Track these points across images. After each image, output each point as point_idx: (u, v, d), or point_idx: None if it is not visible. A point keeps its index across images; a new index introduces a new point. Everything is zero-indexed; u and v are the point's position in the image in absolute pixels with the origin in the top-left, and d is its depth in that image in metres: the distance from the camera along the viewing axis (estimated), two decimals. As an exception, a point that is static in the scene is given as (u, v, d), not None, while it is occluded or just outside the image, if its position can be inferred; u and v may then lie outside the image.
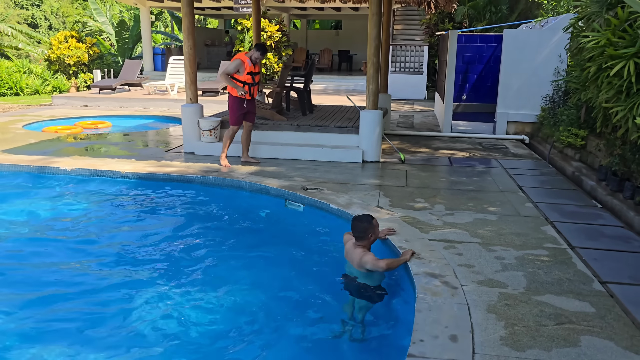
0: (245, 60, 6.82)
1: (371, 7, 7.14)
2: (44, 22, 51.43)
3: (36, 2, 52.69)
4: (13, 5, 52.22)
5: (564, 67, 9.19)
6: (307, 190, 5.84)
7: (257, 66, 6.95)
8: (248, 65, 6.82)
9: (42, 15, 51.90)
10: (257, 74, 6.98)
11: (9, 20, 45.62)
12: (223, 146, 7.11)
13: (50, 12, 52.86)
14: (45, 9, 52.52)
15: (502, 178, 6.63)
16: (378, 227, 4.07)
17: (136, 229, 5.33)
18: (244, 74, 6.84)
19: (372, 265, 3.80)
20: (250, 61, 6.84)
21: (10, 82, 17.58)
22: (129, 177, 6.59)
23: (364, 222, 3.97)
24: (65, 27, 49.02)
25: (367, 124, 7.39)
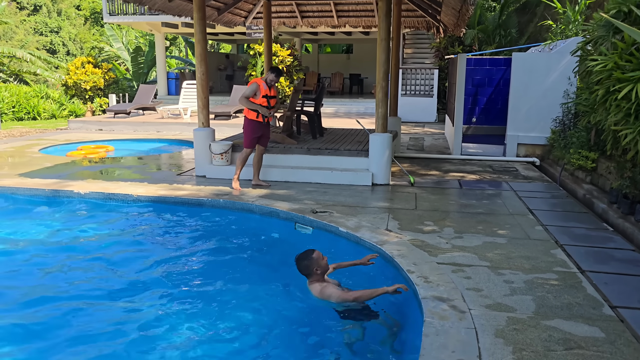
0: (260, 83, 6.94)
1: (380, 33, 7.26)
2: (62, 48, 52.73)
3: (55, 29, 54.11)
4: (32, 32, 53.69)
5: (573, 90, 9.21)
6: (316, 213, 5.87)
7: (272, 89, 7.04)
8: (263, 88, 6.92)
9: (61, 41, 53.24)
10: (272, 97, 7.07)
11: (28, 46, 46.88)
12: (236, 169, 7.20)
13: (68, 38, 54.22)
14: (63, 35, 53.89)
15: (512, 201, 6.61)
16: (322, 258, 4.00)
17: (147, 251, 5.39)
18: (260, 97, 6.94)
19: (338, 299, 3.80)
20: (266, 84, 6.95)
21: (28, 107, 18.01)
22: (141, 200, 6.68)
23: (303, 260, 3.98)
24: (83, 52, 50.21)
25: (377, 147, 7.45)
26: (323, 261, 4.00)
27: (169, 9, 8.89)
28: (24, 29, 52.86)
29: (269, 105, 7.01)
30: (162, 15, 19.07)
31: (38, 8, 55.68)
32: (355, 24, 11.27)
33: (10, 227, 6.01)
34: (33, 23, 54.03)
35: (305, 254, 4.02)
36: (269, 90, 6.99)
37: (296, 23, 11.36)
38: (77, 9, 56.74)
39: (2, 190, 7.06)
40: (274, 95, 7.11)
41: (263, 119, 7.00)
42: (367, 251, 4.94)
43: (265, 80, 6.99)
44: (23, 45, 33.13)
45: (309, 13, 11.13)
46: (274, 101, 7.12)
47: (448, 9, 8.55)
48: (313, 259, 3.97)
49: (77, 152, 10.31)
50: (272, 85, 7.05)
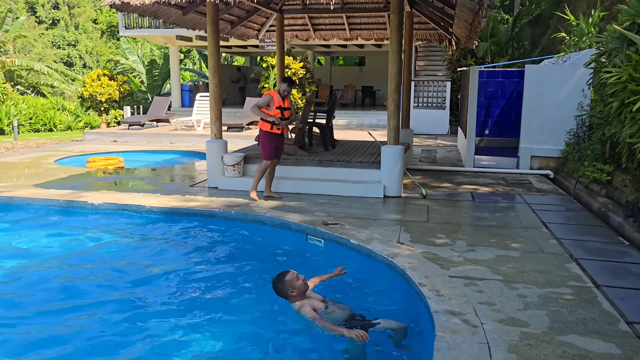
0: (274, 95, 6.96)
1: (392, 46, 7.28)
2: (79, 61, 53.67)
3: (72, 42, 55.13)
4: (50, 45, 54.76)
5: (587, 102, 9.14)
6: (327, 225, 5.86)
7: (286, 100, 7.05)
8: (277, 99, 6.93)
9: (77, 54, 54.21)
10: (286, 109, 7.06)
11: (46, 59, 47.81)
12: (254, 180, 7.22)
13: (85, 51, 55.20)
14: (80, 49, 54.87)
15: (525, 214, 6.55)
16: (296, 279, 3.98)
17: (158, 262, 5.41)
18: (274, 109, 6.95)
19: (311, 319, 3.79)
20: (279, 95, 6.96)
21: (44, 119, 18.29)
22: (153, 211, 6.73)
23: (277, 283, 4.00)
24: (99, 65, 51.04)
25: (389, 159, 7.44)
26: (298, 282, 3.98)
27: (184, 22, 9.01)
28: (42, 42, 53.93)
29: (282, 116, 7.01)
30: (176, 29, 19.37)
31: (56, 22, 56.84)
32: (368, 37, 11.32)
33: (26, 237, 6.08)
34: (51, 36, 55.13)
35: (279, 277, 4.03)
36: (283, 101, 7.01)
37: (309, 36, 11.44)
38: (94, 23, 57.84)
39: (18, 201, 7.16)
40: (287, 107, 7.10)
41: (278, 128, 6.97)
42: (379, 263, 4.92)
43: (278, 91, 7.01)
44: (41, 58, 33.72)
45: (321, 26, 11.20)
46: (287, 113, 7.11)
47: (460, 21, 8.56)
48: (286, 281, 3.97)
49: (94, 162, 10.43)
50: (286, 97, 7.05)
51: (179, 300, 4.49)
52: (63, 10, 57.62)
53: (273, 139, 7.09)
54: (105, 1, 6.93)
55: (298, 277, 4.00)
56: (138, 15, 7.91)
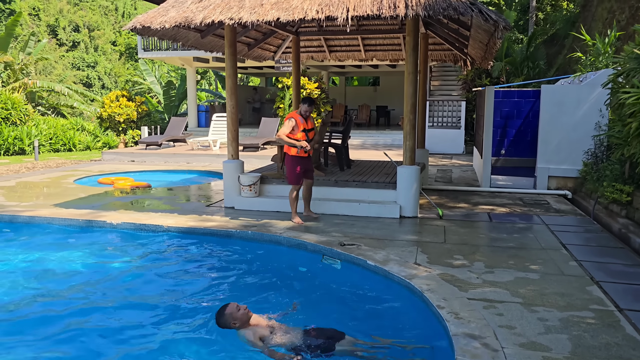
0: (297, 117, 6.88)
1: (407, 67, 7.33)
2: (98, 82, 54.78)
3: (91, 64, 56.37)
4: (70, 67, 56.03)
5: (605, 122, 9.07)
6: (344, 246, 5.86)
7: (309, 121, 6.99)
8: (300, 122, 6.87)
9: (96, 75, 55.37)
10: (310, 130, 7.00)
11: (66, 80, 48.90)
12: (290, 206, 7.18)
13: (104, 72, 56.38)
14: (99, 70, 56.07)
15: (544, 235, 6.47)
16: (237, 310, 3.94)
17: (175, 281, 5.43)
18: (298, 132, 6.86)
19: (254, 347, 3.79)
20: (302, 117, 6.92)
21: (64, 139, 18.63)
22: (171, 230, 6.78)
23: (218, 318, 3.98)
24: (117, 86, 52.07)
25: (405, 179, 7.43)
26: (239, 313, 3.94)
27: (202, 45, 9.18)
28: (62, 64, 55.22)
29: (307, 138, 6.92)
30: (193, 51, 19.71)
31: (76, 44, 58.25)
32: (382, 58, 11.41)
33: (46, 256, 6.15)
34: (71, 58, 56.43)
35: (219, 312, 4.01)
36: (306, 123, 6.96)
37: (324, 57, 11.57)
38: (113, 45, 59.16)
39: (39, 220, 7.27)
40: (311, 128, 7.03)
41: (304, 148, 6.87)
42: (396, 285, 4.89)
43: (300, 113, 6.98)
44: (62, 80, 34.48)
45: (336, 47, 11.33)
46: (312, 134, 7.03)
47: (475, 42, 8.61)
48: (226, 314, 3.95)
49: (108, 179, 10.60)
50: (308, 117, 7.01)
51: (194, 319, 4.49)
52: (83, 32, 59.09)
53: (300, 162, 7.00)
54: (127, 25, 7.11)
55: (239, 307, 3.97)
56: (158, 39, 8.08)
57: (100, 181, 10.60)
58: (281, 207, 7.82)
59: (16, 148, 17.25)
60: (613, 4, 15.49)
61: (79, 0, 61.82)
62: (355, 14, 6.34)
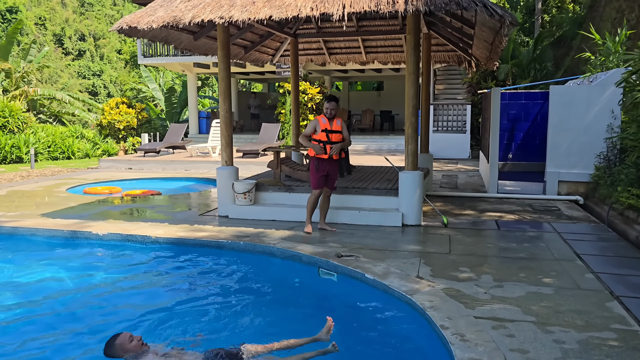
0: (320, 118, 6.53)
1: (408, 67, 6.96)
2: (103, 90, 54.90)
3: (97, 72, 56.55)
4: (76, 75, 56.22)
5: (618, 124, 8.65)
6: (341, 258, 5.46)
7: (334, 122, 6.50)
8: (322, 122, 6.48)
9: (102, 83, 55.52)
10: (334, 131, 6.50)
11: (72, 88, 48.96)
12: (306, 213, 6.75)
13: (110, 80, 56.53)
14: (105, 78, 56.24)
15: (556, 244, 6.05)
16: (128, 341, 3.54)
17: (162, 295, 5.06)
18: (320, 132, 6.49)
19: None
20: (326, 118, 6.51)
21: (63, 147, 18.36)
22: (159, 242, 6.41)
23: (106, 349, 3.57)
24: (123, 94, 52.18)
25: (407, 185, 7.04)
26: (131, 344, 3.53)
27: (196, 47, 8.86)
28: (68, 73, 55.42)
29: (328, 139, 6.49)
30: (194, 56, 19.45)
31: (82, 53, 58.49)
32: (384, 60, 11.05)
33: (27, 269, 5.80)
34: (77, 67, 56.65)
35: (108, 342, 3.59)
36: (329, 123, 6.50)
37: (324, 60, 11.22)
38: (119, 53, 59.33)
39: (22, 232, 6.93)
40: (337, 130, 6.51)
41: (321, 153, 6.44)
42: (396, 300, 4.49)
43: (324, 113, 6.55)
44: (63, 88, 34.35)
45: (336, 50, 10.98)
46: (336, 136, 6.50)
47: (480, 42, 8.23)
48: (115, 345, 3.54)
49: (94, 189, 10.26)
50: (333, 117, 6.50)
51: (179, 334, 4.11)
52: (89, 41, 59.33)
53: (320, 164, 6.54)
54: (114, 26, 6.79)
55: (132, 338, 3.56)
56: (148, 41, 7.77)
57: (87, 191, 10.22)
58: (277, 215, 7.44)
59: (13, 156, 16.99)
60: (622, 3, 15.07)
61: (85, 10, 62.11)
62: (352, 11, 5.98)
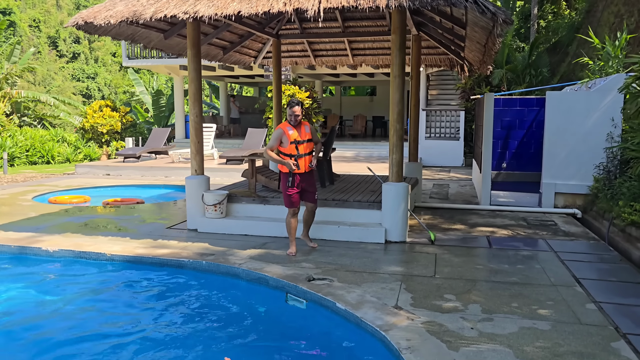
0: (284, 127, 5.67)
1: (393, 69, 6.38)
2: (98, 93, 54.24)
3: (91, 75, 55.92)
4: (70, 78, 55.56)
5: (618, 132, 8.10)
6: (313, 281, 4.86)
7: (301, 129, 5.69)
8: (289, 133, 5.64)
9: (96, 86, 54.87)
10: (302, 142, 5.68)
11: (65, 91, 48.23)
12: (288, 233, 6.01)
13: (104, 83, 55.87)
14: (99, 81, 55.60)
15: (553, 265, 5.47)
16: None
17: (109, 324, 4.44)
18: (288, 145, 5.65)
19: None
20: (291, 126, 5.70)
21: (42, 151, 17.70)
22: (114, 259, 5.79)
23: None
24: (117, 97, 51.55)
25: (391, 198, 6.44)
26: None
27: (168, 47, 8.27)
28: (62, 75, 54.70)
29: (297, 152, 5.68)
30: (180, 58, 18.83)
31: (77, 55, 57.85)
32: (373, 63, 10.48)
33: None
34: (71, 70, 56.02)
35: None
36: (297, 132, 5.69)
37: (309, 62, 10.64)
38: (113, 56, 58.62)
39: (-33, 246, 6.29)
40: (305, 139, 5.72)
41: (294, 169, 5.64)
42: (370, 337, 3.88)
43: (287, 120, 5.74)
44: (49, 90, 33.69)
45: (322, 52, 10.41)
46: (306, 146, 5.71)
47: (472, 43, 7.66)
48: None
49: (60, 198, 9.62)
50: (298, 124, 5.71)
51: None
52: (84, 44, 58.65)
53: (291, 181, 5.73)
54: (69, 22, 6.19)
55: None
56: (112, 39, 7.17)
57: (52, 200, 9.57)
58: (250, 229, 6.83)
59: (-12, 161, 16.32)
60: (620, 7, 14.59)
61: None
62: (328, 6, 5.40)
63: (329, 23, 9.37)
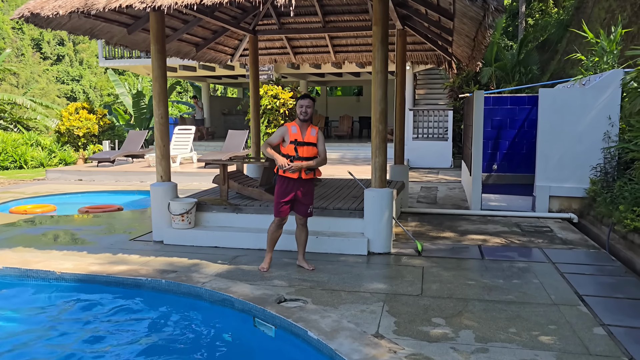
0: (289, 125, 5.07)
1: (375, 64, 5.83)
2: (82, 96, 53.26)
3: (76, 77, 54.93)
4: (54, 81, 54.53)
5: (615, 132, 7.63)
6: (283, 303, 4.29)
7: (307, 132, 5.04)
8: (292, 131, 5.03)
9: (81, 89, 53.90)
10: (305, 143, 5.03)
11: (49, 94, 47.13)
12: (267, 244, 5.36)
13: (89, 86, 54.89)
14: (84, 84, 54.62)
15: (551, 279, 4.94)
16: None
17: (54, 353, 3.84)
18: (288, 144, 5.05)
19: None
20: (296, 125, 5.06)
21: (15, 155, 16.93)
22: (65, 278, 5.17)
23: None
24: (102, 99, 50.62)
25: (373, 205, 5.88)
26: None
27: (133, 44, 7.65)
28: (46, 78, 53.64)
29: (297, 154, 5.06)
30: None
31: (61, 58, 56.82)
32: (356, 60, 9.92)
33: None
34: (55, 72, 55.02)
35: None
36: (300, 132, 5.05)
37: (288, 60, 10.06)
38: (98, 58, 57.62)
39: None
40: (309, 142, 5.03)
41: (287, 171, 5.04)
42: (345, 374, 3.31)
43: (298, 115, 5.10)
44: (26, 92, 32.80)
45: (302, 49, 9.83)
46: (307, 150, 5.02)
47: (461, 37, 7.13)
48: None
49: (21, 208, 8.95)
50: (306, 122, 5.06)
51: None
52: (68, 46, 57.58)
53: (286, 186, 5.11)
54: (14, 14, 5.56)
55: None
56: (68, 33, 6.55)
57: (13, 210, 8.88)
58: (221, 241, 6.24)
59: (-45, 166, 15.56)
60: (612, 3, 14.19)
61: (62, 13, 60.23)
62: (300, -7, 4.83)
63: (309, 18, 8.81)
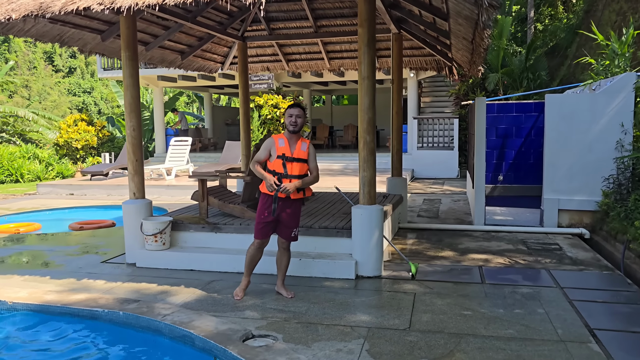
0: (276, 138, 4.60)
1: (361, 69, 5.33)
2: (94, 107, 53.51)
3: (87, 90, 55.29)
4: (66, 93, 54.95)
5: (629, 140, 7.05)
6: (249, 340, 3.76)
7: (297, 146, 4.56)
8: (279, 144, 4.57)
9: (92, 101, 54.17)
10: (295, 159, 4.55)
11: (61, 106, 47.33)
12: (244, 268, 4.81)
13: (100, 97, 55.15)
14: (95, 95, 54.92)
15: (559, 309, 4.36)
16: None
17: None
18: (275, 159, 4.60)
19: None
20: (284, 138, 4.59)
21: (11, 169, 16.64)
22: (17, 309, 4.69)
23: None
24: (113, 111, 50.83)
25: (362, 224, 5.35)
26: None
27: (109, 51, 7.22)
28: (58, 90, 54.01)
29: (285, 171, 4.57)
30: (158, 69, 17.81)
31: (73, 70, 57.28)
32: (351, 67, 9.42)
33: None
34: (67, 84, 55.47)
35: None
36: (289, 146, 4.57)
37: (281, 67, 9.60)
38: (109, 70, 57.85)
39: None
40: (296, 158, 4.55)
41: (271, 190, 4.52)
42: None
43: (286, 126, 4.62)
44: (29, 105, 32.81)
45: (294, 55, 9.36)
46: (296, 167, 4.55)
47: (458, 40, 6.61)
48: None
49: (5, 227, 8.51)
50: (295, 134, 4.58)
51: None
52: (80, 58, 57.98)
53: (269, 205, 4.62)
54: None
55: None
56: (35, 41, 6.14)
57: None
58: (197, 264, 5.73)
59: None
60: (623, 5, 13.59)
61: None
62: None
63: (300, 22, 8.36)
